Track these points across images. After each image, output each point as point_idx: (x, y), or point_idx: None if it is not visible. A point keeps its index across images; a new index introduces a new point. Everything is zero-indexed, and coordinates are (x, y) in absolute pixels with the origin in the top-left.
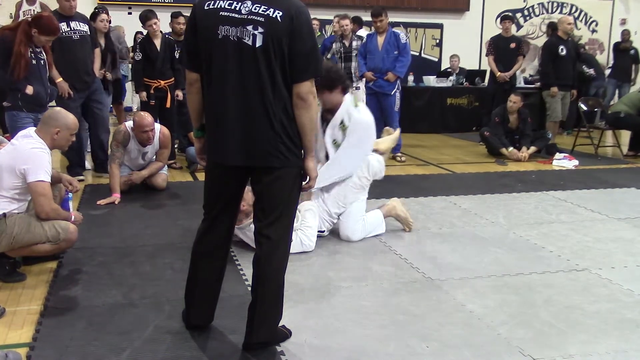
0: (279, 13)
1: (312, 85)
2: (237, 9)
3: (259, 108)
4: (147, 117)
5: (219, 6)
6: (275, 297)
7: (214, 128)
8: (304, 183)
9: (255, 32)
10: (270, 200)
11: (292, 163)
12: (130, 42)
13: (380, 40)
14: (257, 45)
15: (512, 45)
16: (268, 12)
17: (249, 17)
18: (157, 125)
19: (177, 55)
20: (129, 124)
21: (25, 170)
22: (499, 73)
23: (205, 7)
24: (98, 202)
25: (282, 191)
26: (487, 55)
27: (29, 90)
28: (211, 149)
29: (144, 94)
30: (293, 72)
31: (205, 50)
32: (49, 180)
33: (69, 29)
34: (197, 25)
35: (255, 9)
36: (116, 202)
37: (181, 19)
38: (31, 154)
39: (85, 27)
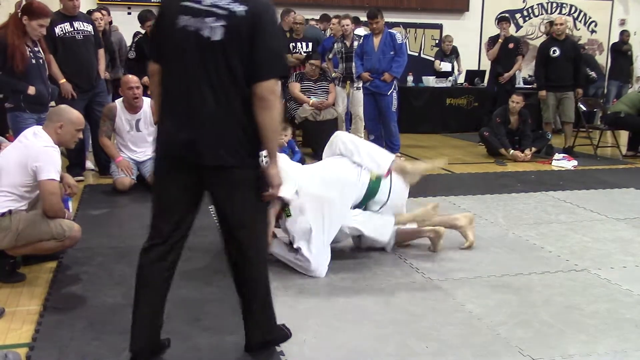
0: (243, 8)
1: (275, 85)
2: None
3: (216, 104)
4: (133, 76)
5: None
6: (263, 297)
7: (166, 120)
8: (266, 193)
9: (215, 25)
10: (228, 212)
11: (248, 164)
12: (130, 43)
13: (377, 41)
14: (214, 39)
15: (511, 45)
16: (231, 6)
17: (210, 9)
18: (148, 99)
19: None
20: (119, 99)
21: (37, 168)
22: (500, 78)
23: None
24: (119, 167)
25: (239, 199)
26: (487, 53)
27: (31, 90)
28: (161, 141)
29: None
30: (254, 70)
31: (164, 40)
32: (59, 179)
33: (72, 29)
34: (160, 15)
35: (217, 1)
36: (121, 160)
37: None
38: (43, 151)
39: (89, 27)
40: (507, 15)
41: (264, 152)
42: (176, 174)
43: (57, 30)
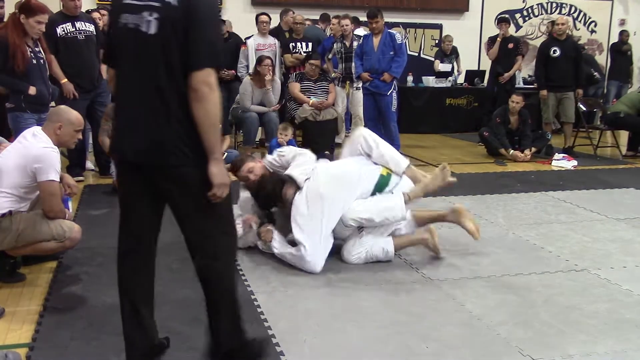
0: None
1: (209, 76)
2: None
3: (154, 101)
4: None
5: None
6: (228, 301)
7: (117, 122)
8: (208, 193)
9: (150, 18)
10: (184, 218)
11: (193, 162)
12: None
13: (376, 41)
14: (150, 33)
15: (510, 45)
16: None
17: (147, 3)
18: None
19: None
20: None
21: (37, 169)
22: (500, 78)
23: None
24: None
25: (191, 202)
26: (487, 53)
27: (32, 91)
28: (114, 144)
29: None
30: (187, 61)
31: (113, 42)
32: (59, 180)
33: (74, 29)
34: (109, 17)
35: None
36: None
37: None
38: (43, 152)
39: (91, 27)
40: (507, 16)
41: (286, 149)
42: (131, 178)
43: (59, 30)
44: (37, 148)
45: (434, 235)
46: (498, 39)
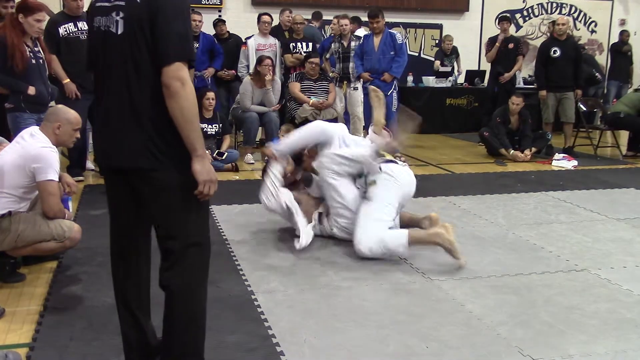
0: None
1: (178, 70)
2: None
3: (125, 103)
4: None
5: None
6: (190, 313)
7: (95, 126)
8: (195, 191)
9: (117, 18)
10: (159, 222)
11: (168, 166)
12: None
13: (377, 41)
14: (119, 33)
15: (511, 45)
16: None
17: (114, 3)
18: None
19: None
20: None
21: (36, 169)
22: (500, 78)
23: (92, 2)
24: None
25: (166, 207)
26: (486, 54)
27: (32, 90)
28: (94, 148)
29: None
30: (157, 57)
31: (89, 45)
32: (58, 180)
33: (76, 29)
34: (87, 23)
35: None
36: None
37: None
38: (41, 152)
39: None
40: (507, 15)
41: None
42: (112, 183)
43: (61, 30)
44: (35, 148)
45: (449, 231)
46: (498, 40)
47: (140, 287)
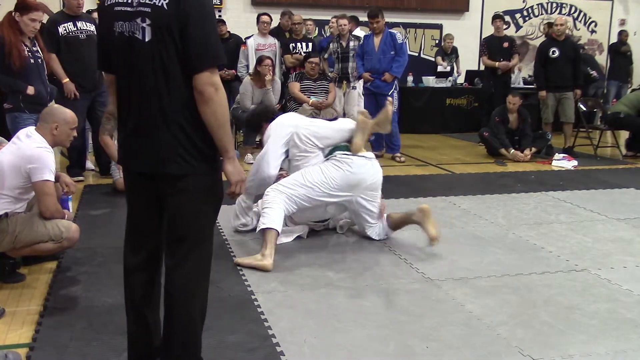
0: (165, 1)
1: (212, 76)
2: (129, 1)
3: (154, 109)
4: None
5: (114, 1)
6: (189, 319)
7: (121, 132)
8: (226, 191)
9: (144, 24)
10: (175, 223)
11: (197, 170)
12: None
13: (377, 41)
14: (146, 40)
15: (505, 44)
16: (154, 0)
17: (138, 8)
18: None
19: None
20: None
21: (31, 169)
22: (498, 63)
23: (105, 4)
24: (119, 167)
25: (187, 209)
26: (481, 56)
27: (30, 90)
28: (119, 153)
29: None
30: (188, 64)
31: (108, 49)
32: (54, 180)
33: (75, 29)
34: (100, 22)
35: None
36: None
37: None
38: (37, 153)
39: (92, 27)
40: (501, 13)
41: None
42: (137, 187)
43: (61, 29)
44: (31, 148)
45: (427, 214)
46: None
47: (154, 291)
